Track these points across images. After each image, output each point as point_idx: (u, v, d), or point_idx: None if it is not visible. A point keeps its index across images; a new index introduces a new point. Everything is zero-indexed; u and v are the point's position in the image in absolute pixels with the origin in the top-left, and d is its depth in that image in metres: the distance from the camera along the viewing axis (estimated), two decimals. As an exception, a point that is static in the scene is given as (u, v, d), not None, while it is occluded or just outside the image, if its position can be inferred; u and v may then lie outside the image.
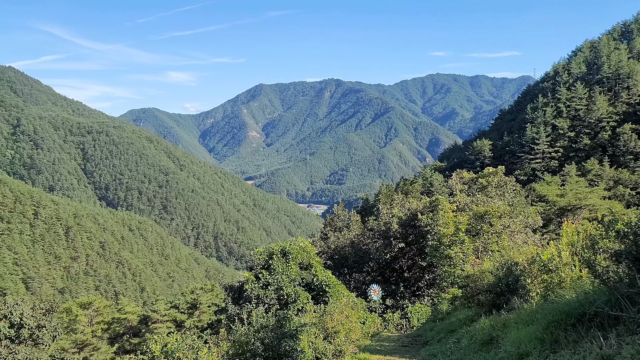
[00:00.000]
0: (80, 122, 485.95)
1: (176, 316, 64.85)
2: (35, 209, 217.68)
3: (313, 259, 38.95)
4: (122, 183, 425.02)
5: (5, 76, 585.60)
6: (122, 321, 66.86)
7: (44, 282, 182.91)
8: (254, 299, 34.57)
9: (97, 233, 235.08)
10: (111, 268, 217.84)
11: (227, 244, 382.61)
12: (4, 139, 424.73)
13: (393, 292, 48.97)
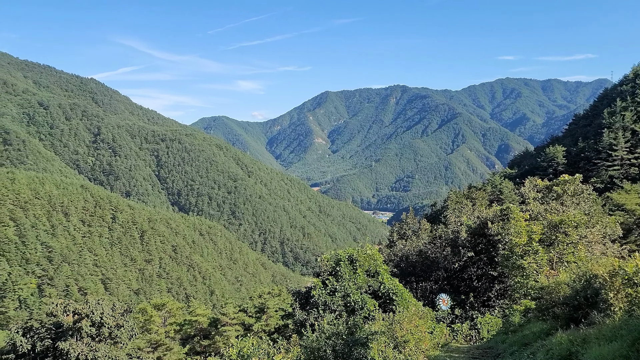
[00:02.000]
0: (154, 130, 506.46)
1: (244, 320, 66.11)
2: (114, 214, 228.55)
3: (380, 267, 38.71)
4: (193, 189, 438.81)
5: (87, 87, 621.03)
6: (193, 323, 68.88)
7: (120, 283, 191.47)
8: (321, 305, 34.75)
9: (169, 237, 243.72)
10: (182, 271, 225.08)
11: (293, 249, 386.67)
12: (86, 147, 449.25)
13: (462, 302, 47.88)
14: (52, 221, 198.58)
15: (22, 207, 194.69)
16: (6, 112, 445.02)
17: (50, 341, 46.36)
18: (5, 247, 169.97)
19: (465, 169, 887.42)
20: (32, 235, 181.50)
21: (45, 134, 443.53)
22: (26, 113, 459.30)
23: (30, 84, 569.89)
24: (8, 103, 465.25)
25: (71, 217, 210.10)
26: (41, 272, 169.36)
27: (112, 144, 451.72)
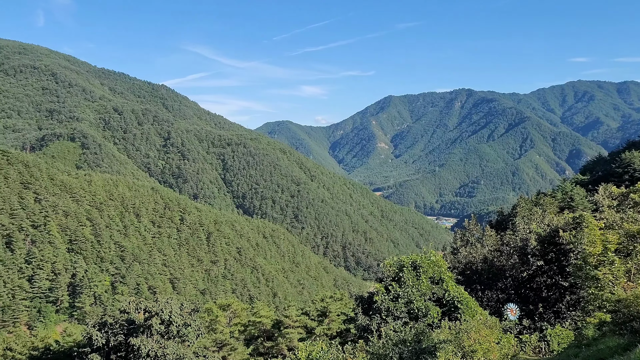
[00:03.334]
0: (221, 135, 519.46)
1: (307, 323, 66.54)
2: (182, 215, 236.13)
3: (444, 274, 38.06)
4: (257, 192, 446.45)
5: (158, 94, 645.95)
6: (257, 324, 69.97)
7: (187, 282, 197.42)
8: (384, 311, 34.53)
9: (234, 239, 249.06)
10: (246, 273, 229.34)
11: (355, 254, 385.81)
12: (157, 151, 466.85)
13: (530, 312, 46.27)
14: (124, 222, 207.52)
15: (98, 207, 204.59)
16: (85, 118, 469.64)
17: (123, 337, 48.17)
18: (82, 246, 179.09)
19: (533, 175, 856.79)
20: (107, 235, 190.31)
21: (119, 138, 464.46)
22: (102, 118, 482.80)
23: (106, 90, 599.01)
24: (86, 109, 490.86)
25: (142, 218, 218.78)
26: (114, 270, 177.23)
27: (181, 148, 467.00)
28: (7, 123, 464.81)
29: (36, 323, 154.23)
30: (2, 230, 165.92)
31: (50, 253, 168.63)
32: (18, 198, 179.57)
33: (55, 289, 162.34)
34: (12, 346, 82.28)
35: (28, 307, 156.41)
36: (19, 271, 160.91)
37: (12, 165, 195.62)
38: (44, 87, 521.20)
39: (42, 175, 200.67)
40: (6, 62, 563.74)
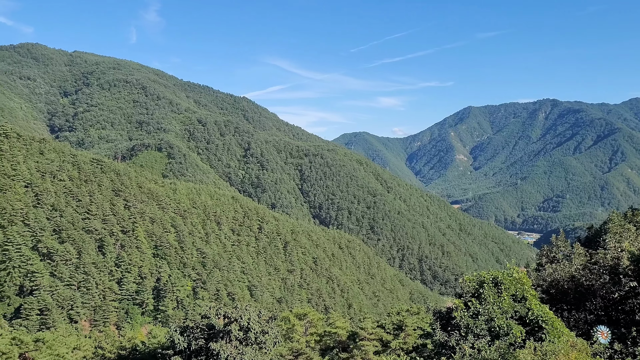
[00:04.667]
0: (299, 146, 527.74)
1: (382, 336, 66.04)
2: (260, 224, 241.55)
3: (528, 291, 36.67)
4: (333, 203, 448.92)
5: (240, 105, 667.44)
6: (333, 335, 70.24)
7: (265, 290, 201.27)
8: (463, 328, 33.76)
9: (310, 249, 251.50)
10: (322, 283, 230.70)
11: (431, 267, 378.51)
12: (237, 161, 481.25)
13: (622, 336, 43.59)
14: (206, 229, 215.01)
15: (182, 215, 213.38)
16: (171, 129, 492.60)
17: (203, 341, 49.80)
18: (166, 251, 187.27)
19: (625, 190, 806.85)
20: (189, 242, 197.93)
21: (202, 148, 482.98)
22: (187, 129, 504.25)
23: (191, 103, 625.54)
24: (173, 121, 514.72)
25: (223, 226, 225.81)
26: (196, 276, 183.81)
27: (260, 159, 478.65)
28: (101, 134, 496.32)
29: (124, 324, 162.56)
30: (95, 235, 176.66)
31: (137, 257, 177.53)
32: (110, 204, 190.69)
33: (141, 292, 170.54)
34: (103, 344, 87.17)
35: (117, 308, 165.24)
36: (109, 274, 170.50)
37: (105, 173, 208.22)
38: (134, 100, 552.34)
39: (132, 183, 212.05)
40: (102, 77, 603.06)
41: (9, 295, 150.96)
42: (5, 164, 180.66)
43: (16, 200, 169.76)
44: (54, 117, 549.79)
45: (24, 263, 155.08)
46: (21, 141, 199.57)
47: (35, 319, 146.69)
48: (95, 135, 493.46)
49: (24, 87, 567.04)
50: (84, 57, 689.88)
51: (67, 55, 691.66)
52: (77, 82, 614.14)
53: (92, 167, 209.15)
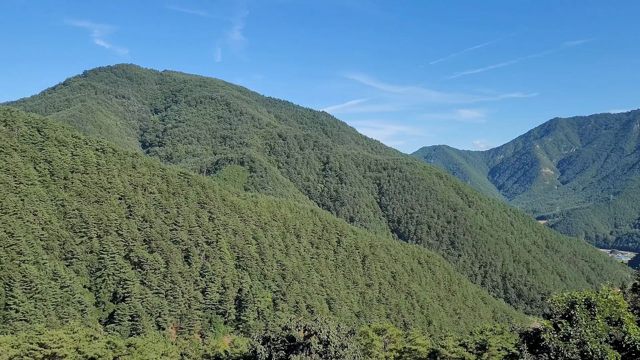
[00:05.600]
0: (377, 160, 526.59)
1: (464, 355, 64.47)
2: (339, 237, 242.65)
3: (624, 314, 34.74)
4: (412, 217, 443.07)
5: (319, 120, 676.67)
6: (413, 352, 69.34)
7: (343, 304, 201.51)
8: (552, 351, 32.48)
9: (389, 263, 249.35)
10: (401, 298, 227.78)
11: (516, 285, 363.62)
12: (316, 174, 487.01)
13: None
14: (286, 241, 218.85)
15: (263, 227, 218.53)
16: (253, 143, 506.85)
17: (284, 353, 50.66)
18: (248, 263, 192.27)
19: None
20: (270, 254, 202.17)
21: (282, 162, 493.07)
22: (268, 144, 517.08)
23: (272, 118, 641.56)
24: (254, 135, 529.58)
25: (302, 238, 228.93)
26: (276, 288, 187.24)
27: (339, 172, 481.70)
28: (188, 148, 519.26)
29: (207, 332, 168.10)
30: (182, 245, 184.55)
31: (220, 268, 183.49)
32: (195, 216, 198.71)
33: (224, 302, 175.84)
34: (188, 352, 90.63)
35: (201, 316, 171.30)
36: (194, 283, 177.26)
37: (192, 186, 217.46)
38: (219, 116, 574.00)
39: (216, 196, 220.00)
40: (189, 94, 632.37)
41: (104, 301, 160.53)
42: (102, 177, 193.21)
43: (111, 211, 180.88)
44: (145, 133, 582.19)
45: (117, 271, 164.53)
46: (116, 156, 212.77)
47: (127, 324, 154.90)
48: (182, 149, 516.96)
49: (119, 105, 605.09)
50: (173, 75, 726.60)
51: (158, 74, 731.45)
52: (166, 99, 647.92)
53: (180, 180, 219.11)
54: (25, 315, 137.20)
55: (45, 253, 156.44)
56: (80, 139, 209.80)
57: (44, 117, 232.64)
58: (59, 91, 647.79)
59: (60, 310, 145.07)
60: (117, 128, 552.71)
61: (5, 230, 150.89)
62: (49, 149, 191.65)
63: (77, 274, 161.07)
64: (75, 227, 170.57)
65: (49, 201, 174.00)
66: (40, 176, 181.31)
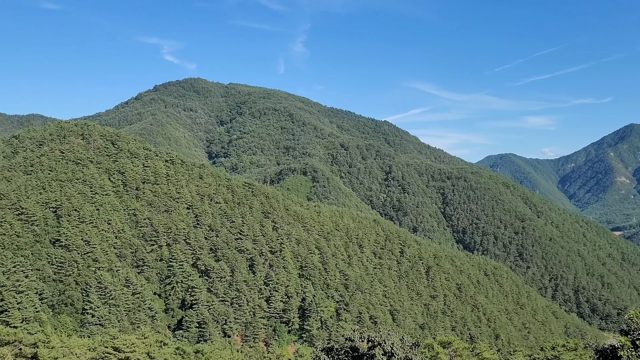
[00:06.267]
0: (441, 169, 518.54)
1: (535, 371, 62.20)
2: (402, 248, 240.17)
3: None
4: (478, 227, 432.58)
5: (381, 129, 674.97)
6: (480, 366, 67.59)
7: (407, 315, 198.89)
8: (631, 369, 30.89)
9: (454, 275, 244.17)
10: (467, 310, 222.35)
11: (589, 299, 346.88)
12: (379, 184, 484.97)
13: None
14: (348, 251, 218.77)
15: (325, 237, 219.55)
16: (315, 153, 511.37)
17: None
18: (311, 272, 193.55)
19: None
20: (332, 263, 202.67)
21: (345, 172, 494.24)
22: (330, 154, 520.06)
23: (334, 128, 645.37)
24: (317, 145, 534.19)
25: (365, 248, 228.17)
26: (339, 298, 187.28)
27: (401, 182, 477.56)
28: (252, 159, 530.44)
29: (272, 341, 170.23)
30: (247, 254, 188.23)
31: (284, 277, 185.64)
32: (259, 226, 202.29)
33: (287, 311, 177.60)
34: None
35: (266, 325, 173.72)
36: (259, 292, 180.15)
37: (256, 196, 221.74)
38: (282, 127, 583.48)
39: (279, 205, 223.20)
40: (253, 105, 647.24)
41: (172, 307, 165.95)
42: (171, 187, 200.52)
43: (179, 220, 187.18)
44: (211, 144, 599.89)
45: (185, 278, 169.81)
46: (184, 167, 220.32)
47: (194, 331, 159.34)
48: (247, 160, 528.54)
49: (187, 117, 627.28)
50: (238, 88, 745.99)
51: (224, 87, 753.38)
52: (231, 111, 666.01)
53: (244, 190, 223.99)
54: (100, 319, 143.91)
55: (118, 260, 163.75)
56: (151, 151, 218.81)
57: (118, 131, 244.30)
58: (131, 105, 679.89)
59: (132, 316, 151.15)
60: (185, 140, 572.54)
61: (82, 238, 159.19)
62: (122, 160, 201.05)
63: (147, 281, 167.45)
64: (146, 236, 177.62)
65: (122, 211, 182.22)
66: (114, 187, 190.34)
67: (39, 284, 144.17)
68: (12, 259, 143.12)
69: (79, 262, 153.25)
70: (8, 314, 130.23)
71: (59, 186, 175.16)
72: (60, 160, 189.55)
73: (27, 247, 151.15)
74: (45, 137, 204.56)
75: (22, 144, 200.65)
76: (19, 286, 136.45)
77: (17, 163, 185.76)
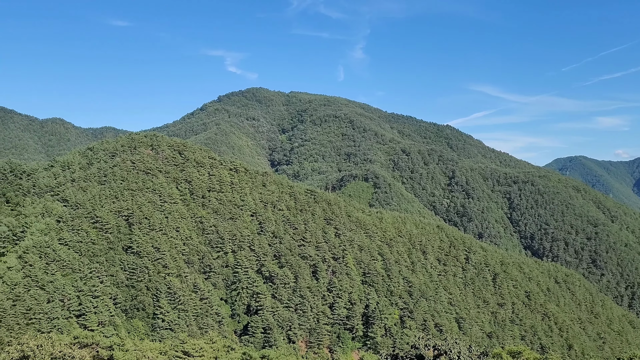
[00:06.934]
0: (506, 173, 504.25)
1: (612, 384, 59.44)
2: (467, 254, 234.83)
3: None
4: (547, 233, 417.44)
5: (443, 134, 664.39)
6: (552, 377, 65.12)
7: (473, 324, 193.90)
8: None
9: (522, 282, 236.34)
10: (537, 319, 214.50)
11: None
12: (442, 189, 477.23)
13: None
14: (412, 258, 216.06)
15: (388, 243, 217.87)
16: (376, 159, 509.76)
17: (414, 371, 50.18)
18: (374, 279, 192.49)
19: None
20: (396, 270, 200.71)
21: (406, 177, 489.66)
22: (392, 159, 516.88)
23: (395, 133, 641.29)
24: (378, 151, 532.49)
25: (428, 255, 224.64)
26: (403, 305, 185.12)
27: (465, 187, 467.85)
28: (314, 166, 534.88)
29: (336, 347, 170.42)
30: (310, 261, 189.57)
31: (347, 284, 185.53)
32: (322, 232, 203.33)
33: (351, 318, 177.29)
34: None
35: (329, 331, 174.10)
36: (322, 298, 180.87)
37: (318, 203, 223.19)
38: (343, 134, 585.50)
39: (341, 212, 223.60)
40: (314, 113, 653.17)
41: (238, 313, 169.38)
42: (235, 195, 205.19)
43: (244, 227, 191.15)
44: (273, 152, 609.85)
45: (250, 285, 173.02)
46: (248, 175, 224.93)
47: (260, 336, 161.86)
48: (308, 167, 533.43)
49: (250, 126, 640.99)
50: (299, 96, 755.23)
51: (285, 96, 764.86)
52: (292, 119, 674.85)
53: (307, 197, 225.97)
54: (170, 324, 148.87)
55: (186, 267, 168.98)
56: (216, 160, 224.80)
57: (184, 141, 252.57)
58: (196, 116, 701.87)
59: (200, 321, 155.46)
60: (248, 148, 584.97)
61: (152, 245, 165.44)
62: (189, 169, 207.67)
63: (214, 287, 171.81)
64: (212, 243, 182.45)
65: (189, 218, 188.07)
66: (181, 195, 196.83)
67: (113, 289, 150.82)
68: (89, 265, 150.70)
69: (149, 268, 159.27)
70: (86, 317, 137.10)
71: (130, 195, 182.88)
72: (131, 170, 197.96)
73: (102, 254, 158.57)
74: (117, 148, 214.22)
75: (96, 156, 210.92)
76: (95, 291, 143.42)
77: (92, 174, 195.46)
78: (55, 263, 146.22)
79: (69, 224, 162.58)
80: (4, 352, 63.23)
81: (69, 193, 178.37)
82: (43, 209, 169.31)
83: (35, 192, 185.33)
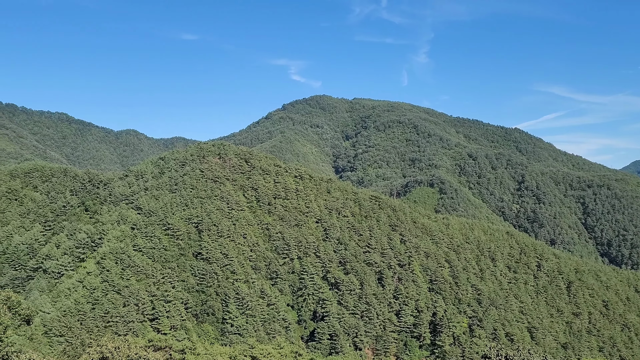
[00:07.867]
0: (580, 176, 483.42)
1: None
2: (538, 261, 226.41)
3: None
4: (625, 239, 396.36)
5: (511, 137, 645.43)
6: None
7: (547, 334, 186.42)
8: None
9: (599, 290, 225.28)
10: (616, 330, 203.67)
11: None
12: (511, 195, 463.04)
13: None
14: (480, 265, 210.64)
15: (455, 250, 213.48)
16: (442, 165, 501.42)
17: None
18: (441, 286, 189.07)
19: None
20: (464, 277, 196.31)
21: (473, 182, 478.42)
22: (458, 164, 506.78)
23: (461, 138, 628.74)
24: (443, 156, 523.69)
25: (497, 262, 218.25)
26: (471, 313, 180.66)
27: (536, 191, 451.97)
28: (378, 172, 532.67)
29: (403, 355, 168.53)
30: (375, 267, 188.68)
31: (413, 291, 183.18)
32: (387, 239, 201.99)
33: (418, 325, 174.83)
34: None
35: (396, 339, 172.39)
36: (388, 305, 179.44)
37: (382, 209, 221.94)
38: (407, 139, 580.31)
39: (406, 218, 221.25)
40: (378, 119, 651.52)
41: (305, 319, 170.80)
42: (300, 202, 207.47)
43: (309, 234, 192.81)
44: (337, 159, 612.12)
45: (316, 291, 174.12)
46: (312, 182, 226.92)
47: (326, 342, 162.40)
48: (372, 173, 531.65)
49: (314, 134, 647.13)
50: (362, 102, 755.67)
51: (348, 103, 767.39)
52: (356, 126, 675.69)
53: (371, 203, 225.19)
54: (238, 329, 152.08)
55: (254, 273, 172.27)
56: (281, 167, 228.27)
57: (250, 149, 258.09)
58: (262, 124, 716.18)
59: (267, 326, 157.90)
60: (313, 155, 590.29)
61: (221, 251, 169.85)
62: (255, 177, 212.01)
63: (281, 293, 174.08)
64: (279, 249, 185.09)
65: (256, 225, 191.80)
66: (248, 202, 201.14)
67: (184, 294, 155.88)
68: (161, 270, 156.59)
69: (218, 274, 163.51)
70: (159, 321, 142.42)
71: (199, 203, 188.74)
72: (200, 178, 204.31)
73: (174, 260, 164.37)
74: (187, 157, 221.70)
75: (167, 165, 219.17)
76: (167, 296, 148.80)
77: (163, 182, 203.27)
78: (130, 269, 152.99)
79: (143, 230, 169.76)
80: (85, 354, 66.65)
81: (142, 201, 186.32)
82: (119, 217, 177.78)
83: (111, 200, 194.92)
